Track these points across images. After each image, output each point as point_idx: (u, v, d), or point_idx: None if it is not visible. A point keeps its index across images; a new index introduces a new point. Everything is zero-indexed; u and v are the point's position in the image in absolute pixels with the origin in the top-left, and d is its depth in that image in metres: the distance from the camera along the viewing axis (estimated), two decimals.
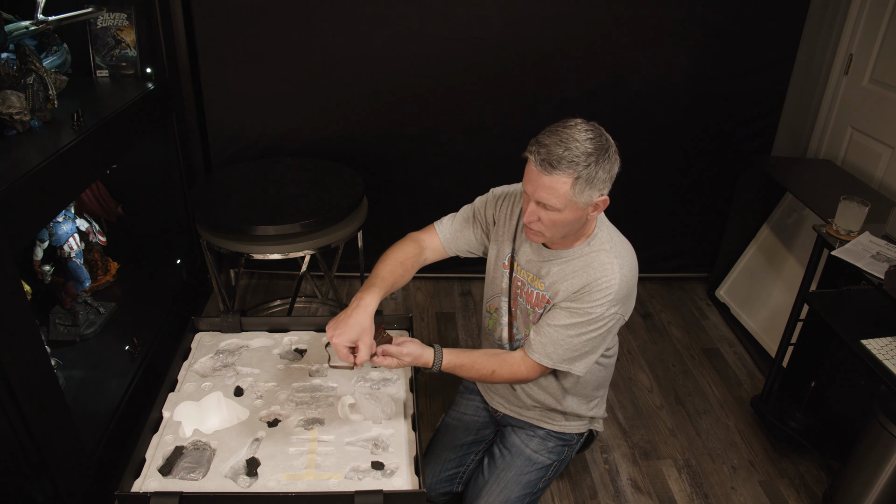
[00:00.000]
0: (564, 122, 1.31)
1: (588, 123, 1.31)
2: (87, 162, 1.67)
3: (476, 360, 1.46)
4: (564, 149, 1.26)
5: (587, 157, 1.26)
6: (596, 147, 1.27)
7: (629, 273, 1.40)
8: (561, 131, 1.28)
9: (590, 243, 1.42)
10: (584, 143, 1.26)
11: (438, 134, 2.61)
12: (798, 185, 2.31)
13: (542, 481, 1.67)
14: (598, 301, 1.38)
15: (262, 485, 1.25)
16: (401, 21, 2.37)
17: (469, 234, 1.60)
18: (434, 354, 1.41)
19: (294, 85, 2.48)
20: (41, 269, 2.00)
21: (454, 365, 1.43)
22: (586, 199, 1.29)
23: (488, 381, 1.50)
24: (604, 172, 1.28)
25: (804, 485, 1.97)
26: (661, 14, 2.39)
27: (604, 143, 1.29)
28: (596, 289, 1.38)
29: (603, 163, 1.28)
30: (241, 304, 2.76)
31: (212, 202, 2.08)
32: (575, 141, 1.26)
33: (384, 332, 1.41)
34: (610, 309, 1.39)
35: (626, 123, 2.58)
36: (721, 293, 2.85)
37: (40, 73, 1.62)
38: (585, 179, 1.27)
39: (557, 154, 1.26)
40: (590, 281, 1.38)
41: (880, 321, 1.71)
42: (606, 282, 1.37)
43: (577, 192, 1.27)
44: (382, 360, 1.36)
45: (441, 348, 1.43)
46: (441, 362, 1.41)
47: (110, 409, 1.81)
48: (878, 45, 2.36)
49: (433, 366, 1.41)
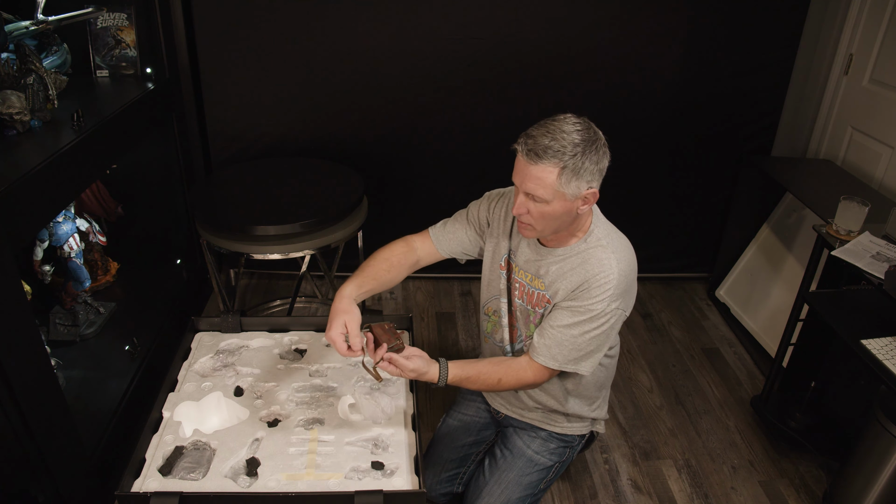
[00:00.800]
0: (554, 116, 1.33)
1: (577, 117, 1.32)
2: (87, 162, 1.67)
3: (481, 370, 1.46)
4: (551, 139, 1.27)
5: (574, 147, 1.27)
6: (584, 139, 1.28)
7: (627, 267, 1.40)
8: (549, 124, 1.31)
9: (586, 240, 1.42)
10: (571, 135, 1.28)
11: (438, 134, 2.61)
12: (798, 185, 2.31)
13: (544, 482, 1.67)
14: (597, 297, 1.38)
15: (262, 485, 1.25)
16: (400, 21, 2.37)
17: (462, 234, 1.60)
18: (440, 370, 1.40)
19: (294, 85, 2.48)
20: (41, 269, 2.00)
21: (460, 378, 1.43)
22: (573, 190, 1.30)
23: (495, 389, 1.49)
24: (591, 164, 1.29)
25: (804, 485, 1.98)
26: (661, 14, 2.39)
27: (592, 136, 1.30)
28: (595, 285, 1.38)
29: (590, 154, 1.28)
30: (241, 304, 2.76)
31: (212, 202, 2.08)
32: (562, 132, 1.28)
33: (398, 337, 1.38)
34: (611, 304, 1.39)
35: (627, 123, 2.58)
36: (721, 293, 2.85)
37: (40, 73, 1.62)
38: (572, 169, 1.27)
39: (544, 144, 1.27)
40: (588, 277, 1.38)
41: (880, 321, 1.71)
42: (604, 277, 1.37)
43: (563, 182, 1.28)
44: (386, 367, 1.35)
45: (446, 362, 1.42)
46: (447, 377, 1.41)
47: (110, 409, 1.81)
48: (878, 45, 2.36)
49: (439, 381, 1.40)
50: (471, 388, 1.47)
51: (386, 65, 2.45)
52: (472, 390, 1.83)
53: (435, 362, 1.41)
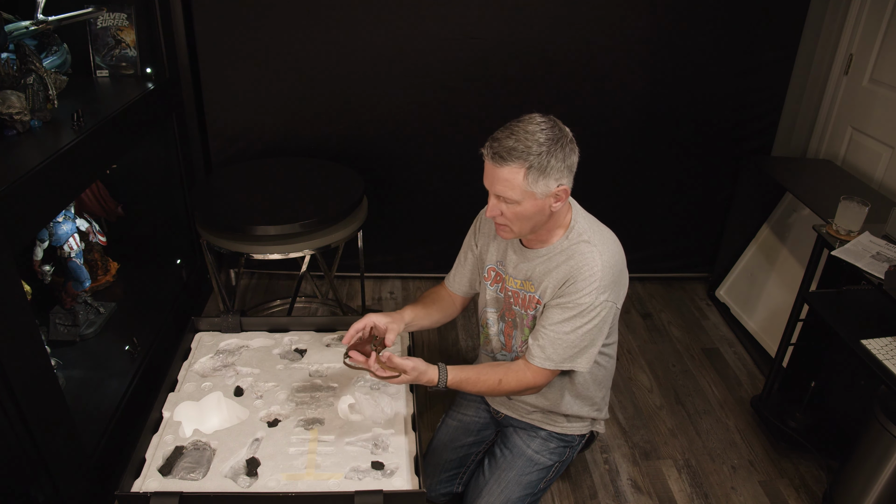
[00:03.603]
0: (520, 117, 1.34)
1: (543, 116, 1.34)
2: (87, 162, 1.67)
3: (481, 371, 1.46)
4: (515, 140, 1.29)
5: (538, 147, 1.28)
6: (548, 137, 1.29)
7: (611, 259, 1.41)
8: (513, 125, 1.32)
9: (568, 236, 1.43)
10: (535, 134, 1.29)
11: (438, 134, 2.61)
12: (798, 184, 2.31)
13: (543, 482, 1.67)
14: (584, 290, 1.38)
15: (262, 485, 1.25)
16: (400, 21, 2.37)
17: (467, 270, 1.66)
18: (439, 372, 1.41)
19: (294, 85, 2.48)
20: (41, 269, 2.00)
21: (460, 379, 1.43)
22: (542, 189, 1.31)
23: (496, 392, 1.48)
24: (557, 161, 1.30)
25: (804, 485, 1.98)
26: (662, 14, 2.39)
27: (557, 134, 1.31)
28: (580, 278, 1.38)
29: (556, 152, 1.29)
30: (241, 304, 2.76)
31: (212, 202, 2.08)
32: (526, 133, 1.29)
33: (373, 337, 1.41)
34: (599, 297, 1.39)
35: (627, 123, 2.58)
36: (721, 293, 2.85)
37: (40, 73, 1.62)
38: (538, 169, 1.28)
39: (508, 146, 1.29)
40: (573, 272, 1.39)
41: (880, 321, 1.71)
42: (589, 270, 1.38)
43: (530, 181, 1.29)
44: (383, 373, 1.35)
45: (445, 366, 1.42)
46: (447, 379, 1.41)
47: (110, 409, 1.81)
48: (878, 45, 2.36)
49: (438, 382, 1.41)
50: (471, 390, 1.47)
51: (386, 65, 2.45)
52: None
53: (434, 366, 1.41)
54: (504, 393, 1.49)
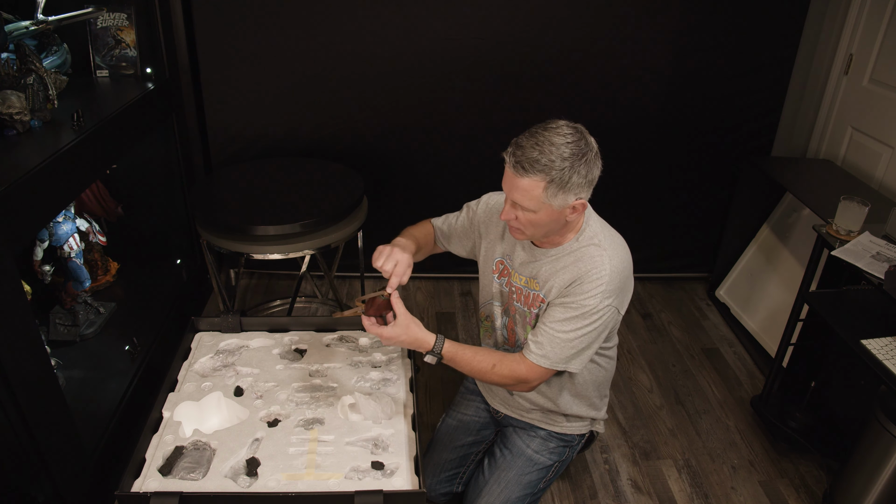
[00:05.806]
0: (547, 123, 1.31)
1: (571, 126, 1.30)
2: (87, 162, 1.67)
3: (478, 351, 1.45)
4: (539, 152, 1.26)
5: (562, 162, 1.26)
6: (573, 152, 1.27)
7: (620, 265, 1.40)
8: (540, 133, 1.29)
9: (578, 238, 1.43)
10: (560, 148, 1.26)
11: (438, 134, 2.61)
12: (798, 185, 2.31)
13: (543, 482, 1.67)
14: (589, 293, 1.38)
15: (262, 485, 1.25)
16: (400, 21, 2.37)
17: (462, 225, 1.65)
18: (436, 339, 1.40)
19: (294, 85, 2.48)
20: (41, 269, 2.00)
21: (455, 352, 1.41)
22: (560, 202, 1.30)
23: (488, 376, 1.45)
24: (579, 177, 1.28)
25: (804, 485, 1.98)
26: (662, 14, 2.39)
27: (582, 148, 1.28)
28: (587, 281, 1.38)
29: (578, 168, 1.27)
30: (241, 304, 2.76)
31: (212, 202, 2.08)
32: (552, 145, 1.26)
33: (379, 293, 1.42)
34: (603, 301, 1.38)
35: (627, 123, 2.58)
36: (721, 293, 2.85)
37: (40, 73, 1.62)
38: (558, 184, 1.27)
39: (532, 157, 1.26)
40: (580, 274, 1.39)
41: (880, 321, 1.71)
42: (597, 273, 1.37)
43: (549, 195, 1.28)
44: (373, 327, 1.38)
45: (444, 337, 1.42)
46: (442, 346, 1.40)
47: (110, 409, 1.81)
48: (878, 45, 2.36)
49: (434, 348, 1.39)
50: (465, 368, 1.44)
51: (386, 65, 2.45)
52: (472, 390, 1.84)
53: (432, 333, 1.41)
54: (495, 380, 1.46)
